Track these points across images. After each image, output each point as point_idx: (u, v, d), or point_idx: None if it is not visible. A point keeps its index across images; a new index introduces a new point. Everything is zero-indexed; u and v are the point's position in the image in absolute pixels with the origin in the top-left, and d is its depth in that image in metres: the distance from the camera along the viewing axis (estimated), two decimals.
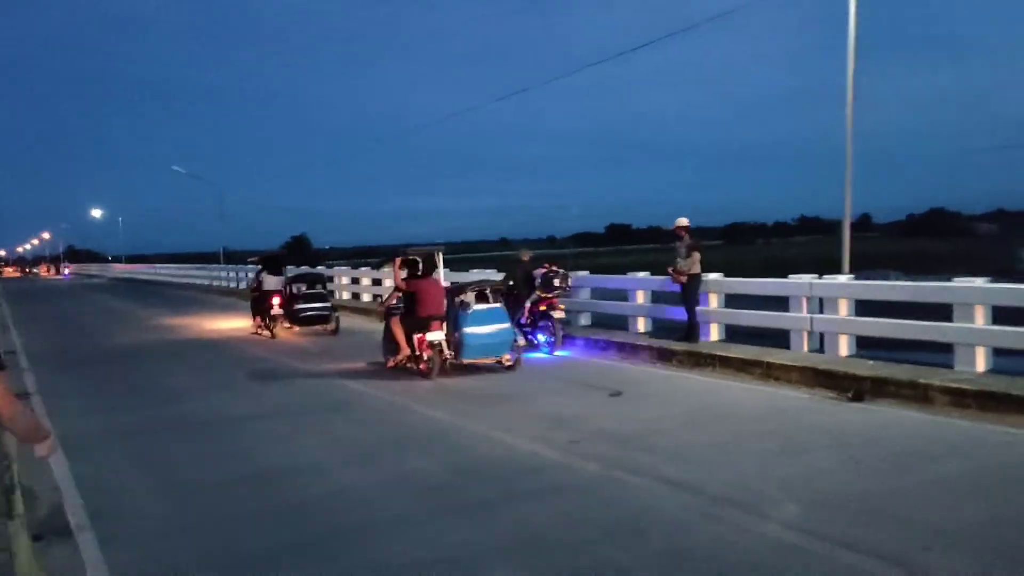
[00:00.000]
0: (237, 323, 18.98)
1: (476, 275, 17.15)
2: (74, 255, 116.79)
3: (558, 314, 12.29)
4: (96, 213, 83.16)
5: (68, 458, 6.85)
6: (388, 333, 11.46)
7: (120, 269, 65.55)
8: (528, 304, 12.56)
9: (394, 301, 11.76)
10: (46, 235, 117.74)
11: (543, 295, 12.43)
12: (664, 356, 11.15)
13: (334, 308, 17.31)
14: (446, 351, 10.77)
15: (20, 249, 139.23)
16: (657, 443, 6.76)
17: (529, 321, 12.61)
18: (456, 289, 11.47)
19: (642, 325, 12.92)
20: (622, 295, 13.82)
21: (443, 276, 12.25)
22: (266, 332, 16.42)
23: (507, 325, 11.09)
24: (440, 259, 12.05)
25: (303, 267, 25.68)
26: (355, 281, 24.10)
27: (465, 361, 10.83)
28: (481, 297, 11.29)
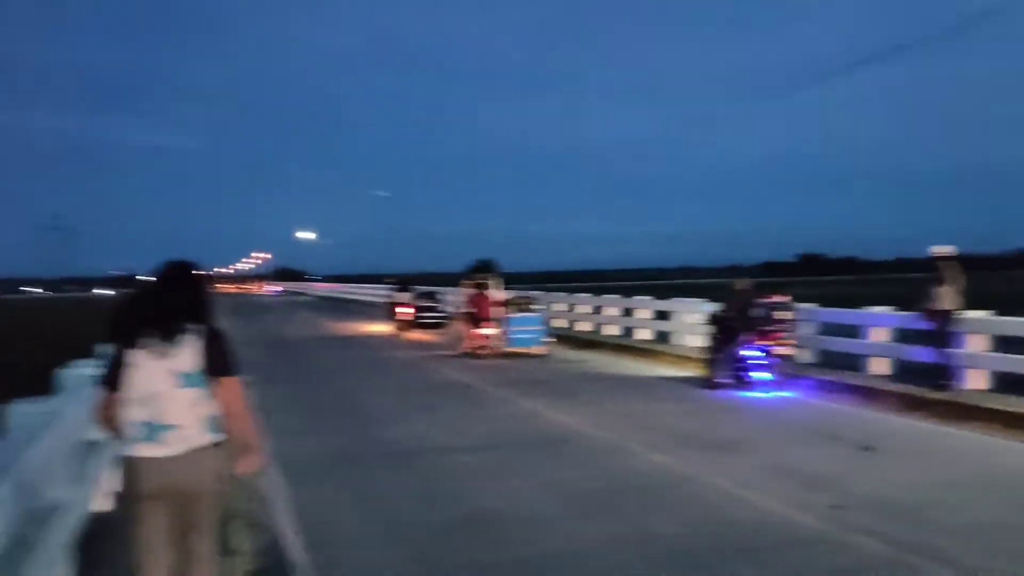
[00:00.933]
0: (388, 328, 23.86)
1: (678, 304, 16.73)
2: (285, 274, 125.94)
3: (782, 350, 11.02)
4: (303, 235, 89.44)
5: (290, 483, 6.68)
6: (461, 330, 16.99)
7: (321, 288, 69.91)
8: (746, 338, 11.35)
9: (465, 309, 16.74)
10: (260, 255, 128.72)
11: (765, 329, 11.20)
12: (914, 404, 9.62)
13: (447, 317, 22.40)
14: (497, 342, 15.92)
15: (232, 268, 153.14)
16: (946, 519, 5.50)
17: (747, 356, 11.39)
18: (506, 301, 16.86)
19: (881, 366, 11.35)
20: (848, 331, 12.32)
21: (498, 292, 16.85)
22: (400, 334, 22.00)
23: (539, 327, 16.44)
24: (494, 282, 16.84)
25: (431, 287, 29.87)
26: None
27: (509, 349, 15.89)
28: (523, 308, 16.79)
